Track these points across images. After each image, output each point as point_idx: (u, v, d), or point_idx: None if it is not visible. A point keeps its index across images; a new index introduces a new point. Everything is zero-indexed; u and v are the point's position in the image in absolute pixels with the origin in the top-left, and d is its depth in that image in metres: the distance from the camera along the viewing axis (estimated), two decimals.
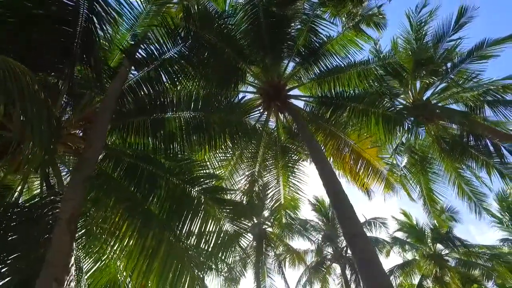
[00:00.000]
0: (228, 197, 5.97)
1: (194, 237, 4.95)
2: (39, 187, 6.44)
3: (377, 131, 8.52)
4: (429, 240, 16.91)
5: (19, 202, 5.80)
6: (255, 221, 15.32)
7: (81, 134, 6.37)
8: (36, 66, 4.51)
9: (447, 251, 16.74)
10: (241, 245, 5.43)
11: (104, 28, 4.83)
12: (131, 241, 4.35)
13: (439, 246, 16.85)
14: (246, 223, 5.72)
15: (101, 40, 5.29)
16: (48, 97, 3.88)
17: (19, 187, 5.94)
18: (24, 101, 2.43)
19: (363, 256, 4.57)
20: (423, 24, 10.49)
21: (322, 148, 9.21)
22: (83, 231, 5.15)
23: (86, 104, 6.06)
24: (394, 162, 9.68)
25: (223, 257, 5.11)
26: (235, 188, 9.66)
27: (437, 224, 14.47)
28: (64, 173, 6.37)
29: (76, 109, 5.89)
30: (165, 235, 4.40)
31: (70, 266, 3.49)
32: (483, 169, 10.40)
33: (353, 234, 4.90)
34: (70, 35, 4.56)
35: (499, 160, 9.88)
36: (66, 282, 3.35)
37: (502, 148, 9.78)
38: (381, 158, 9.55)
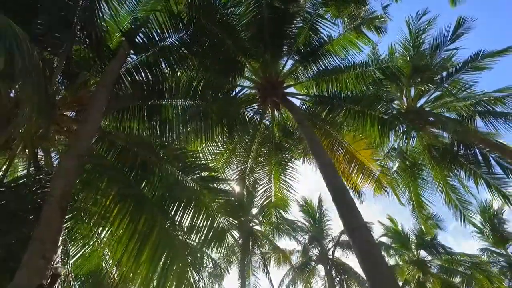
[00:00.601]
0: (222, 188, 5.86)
1: (186, 225, 4.84)
2: (25, 168, 6.20)
3: (372, 133, 8.55)
4: (413, 246, 17.17)
5: (4, 182, 5.56)
6: (243, 218, 15.20)
7: (73, 116, 6.18)
8: (32, 39, 4.31)
9: (430, 258, 17.03)
10: (233, 237, 5.34)
11: (109, 4, 4.66)
12: (122, 225, 4.21)
13: (422, 252, 17.14)
14: (239, 216, 5.64)
15: (102, 17, 5.11)
16: (45, 71, 3.72)
17: (4, 166, 5.70)
18: (24, 62, 2.29)
19: (365, 247, 4.55)
20: (421, 32, 10.66)
21: None
22: (71, 214, 4.97)
23: (81, 85, 5.87)
24: (386, 165, 9.77)
25: (215, 249, 5.02)
26: (229, 179, 9.55)
27: (423, 230, 14.71)
28: (53, 155, 6.18)
29: (71, 89, 5.69)
30: (157, 221, 4.28)
31: (58, 245, 3.33)
32: (471, 178, 10.60)
33: (354, 226, 4.88)
34: (70, 8, 4.37)
35: (486, 170, 10.09)
36: (53, 262, 3.19)
37: (491, 158, 9.99)
38: (375, 160, 9.60)
